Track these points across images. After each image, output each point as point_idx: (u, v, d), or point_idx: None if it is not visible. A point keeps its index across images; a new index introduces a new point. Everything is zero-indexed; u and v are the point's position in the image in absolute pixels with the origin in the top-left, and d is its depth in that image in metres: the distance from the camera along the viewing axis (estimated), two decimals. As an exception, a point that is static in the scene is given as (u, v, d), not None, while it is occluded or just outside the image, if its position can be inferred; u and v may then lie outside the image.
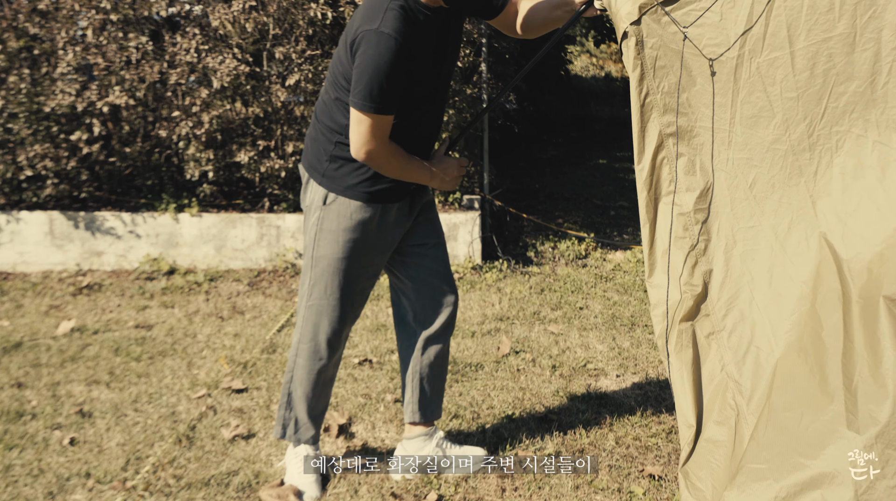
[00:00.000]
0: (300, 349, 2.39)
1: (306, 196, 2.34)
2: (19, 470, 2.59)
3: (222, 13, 4.65)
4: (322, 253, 2.28)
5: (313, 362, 2.38)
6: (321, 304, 2.32)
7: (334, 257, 2.28)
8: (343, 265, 2.29)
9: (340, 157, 2.24)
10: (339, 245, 2.27)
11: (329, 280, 2.30)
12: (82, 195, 5.04)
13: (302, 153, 2.39)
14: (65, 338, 3.79)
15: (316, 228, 2.28)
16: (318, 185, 2.28)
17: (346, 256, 2.28)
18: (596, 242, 5.44)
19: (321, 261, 2.29)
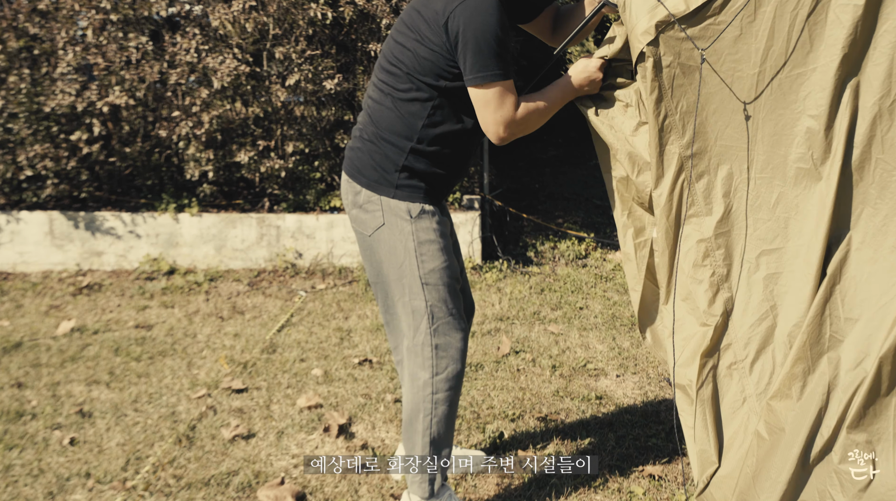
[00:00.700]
0: (437, 384, 2.12)
1: (370, 217, 2.11)
2: (19, 470, 2.59)
3: (222, 13, 4.65)
4: (431, 267, 2.09)
5: (455, 389, 2.15)
6: (447, 321, 2.12)
7: (443, 266, 2.11)
8: (451, 272, 2.13)
9: (414, 164, 2.07)
10: (442, 253, 2.11)
11: (446, 293, 2.12)
12: (82, 195, 5.04)
13: (350, 170, 2.16)
14: (65, 338, 3.79)
15: (413, 244, 2.08)
16: (393, 200, 2.08)
17: (450, 262, 2.13)
18: (596, 242, 5.44)
19: (433, 276, 2.09)
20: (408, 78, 2.02)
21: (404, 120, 2.05)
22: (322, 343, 3.72)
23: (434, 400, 2.12)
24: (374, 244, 2.13)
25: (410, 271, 2.08)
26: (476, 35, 1.89)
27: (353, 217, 2.16)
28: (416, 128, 2.04)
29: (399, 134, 2.06)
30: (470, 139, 2.12)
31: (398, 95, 2.05)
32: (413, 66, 2.00)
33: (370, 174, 2.10)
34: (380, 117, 2.09)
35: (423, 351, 2.11)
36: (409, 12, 2.04)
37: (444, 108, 2.03)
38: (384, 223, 2.09)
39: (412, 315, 2.11)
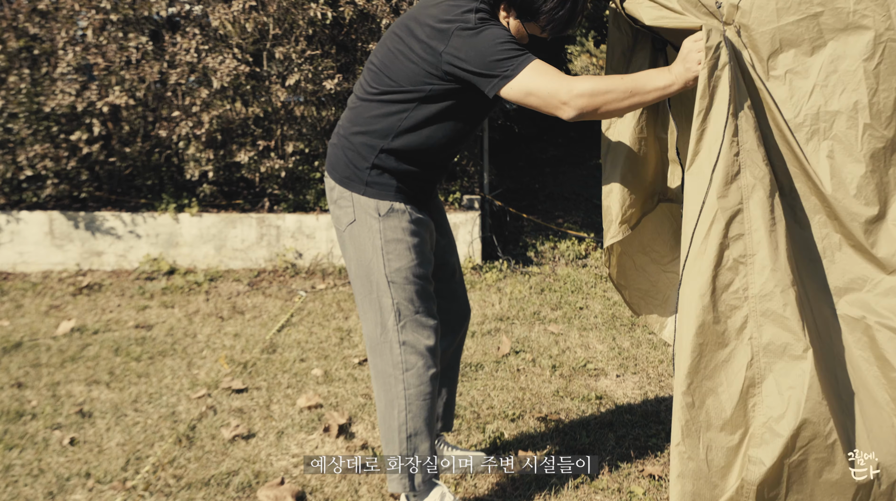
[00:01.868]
0: (407, 380, 2.12)
1: (343, 212, 2.12)
2: (19, 470, 2.59)
3: (222, 13, 4.65)
4: (397, 266, 2.08)
5: (426, 384, 2.13)
6: (414, 319, 2.11)
7: (410, 265, 2.09)
8: (419, 271, 2.11)
9: (385, 163, 2.07)
10: (409, 252, 2.09)
11: (412, 292, 2.10)
12: (82, 195, 5.05)
13: (328, 166, 2.18)
14: (65, 338, 3.79)
15: (380, 242, 2.07)
16: (363, 197, 2.08)
17: (419, 261, 2.11)
18: (596, 242, 5.43)
19: (398, 275, 2.08)
20: (390, 82, 2.03)
21: (380, 121, 2.06)
22: (322, 343, 3.73)
23: (406, 396, 2.12)
24: (346, 240, 2.14)
25: (377, 268, 2.09)
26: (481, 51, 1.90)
27: (332, 213, 2.18)
28: (390, 130, 2.05)
29: (373, 133, 2.06)
30: (445, 145, 2.12)
31: (378, 97, 2.06)
32: (397, 72, 2.02)
33: (342, 170, 2.11)
34: (357, 116, 2.10)
35: (391, 348, 2.11)
36: (404, 22, 2.05)
37: (421, 114, 2.04)
38: (355, 219, 2.10)
39: (379, 312, 2.11)
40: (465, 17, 1.93)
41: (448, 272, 2.38)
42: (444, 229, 2.36)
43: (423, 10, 2.02)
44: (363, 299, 2.14)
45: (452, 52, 1.93)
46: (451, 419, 2.55)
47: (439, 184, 2.29)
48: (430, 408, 2.16)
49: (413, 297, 2.10)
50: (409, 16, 2.05)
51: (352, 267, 2.15)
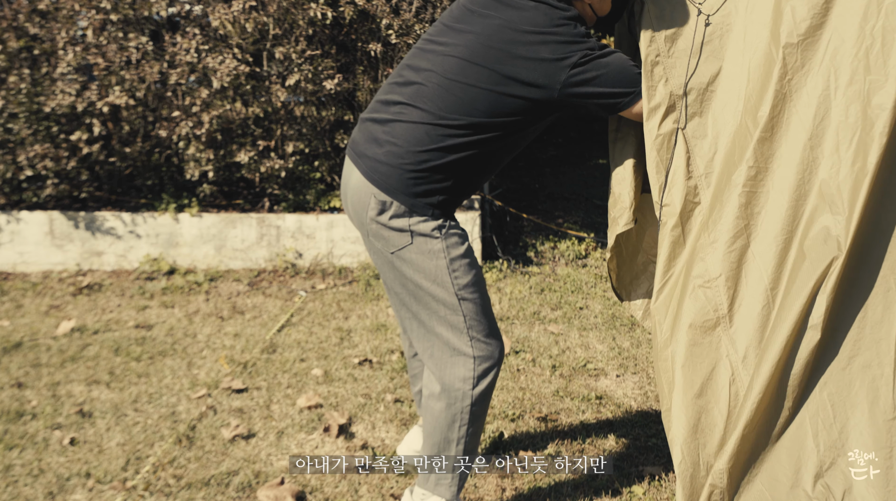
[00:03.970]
0: (475, 396, 2.10)
1: (394, 234, 2.03)
2: (19, 470, 2.59)
3: (222, 13, 4.65)
4: (465, 282, 2.05)
5: (488, 397, 2.15)
6: (485, 332, 2.10)
7: (476, 279, 2.08)
8: (483, 284, 2.11)
9: (446, 183, 2.02)
10: (474, 267, 2.08)
11: (481, 308, 2.09)
12: (82, 195, 5.05)
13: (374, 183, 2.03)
14: (65, 338, 3.79)
15: (445, 261, 2.03)
16: (422, 217, 2.02)
17: (480, 273, 2.10)
18: (596, 242, 5.44)
19: (468, 290, 2.06)
20: (479, 114, 1.95)
21: (458, 151, 1.98)
22: (322, 343, 3.73)
23: (472, 412, 2.11)
24: (396, 262, 2.06)
25: (445, 287, 2.04)
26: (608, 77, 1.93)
27: (373, 231, 2.05)
28: (466, 159, 1.99)
29: (449, 164, 1.99)
30: (501, 164, 2.13)
31: (460, 129, 1.96)
32: (492, 105, 1.94)
33: (399, 188, 2.00)
34: (430, 143, 1.98)
35: (465, 364, 2.08)
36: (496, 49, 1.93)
37: (502, 142, 2.01)
38: (412, 243, 2.02)
39: (450, 330, 2.07)
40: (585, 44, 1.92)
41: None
42: None
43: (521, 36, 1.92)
44: (426, 319, 2.09)
45: (576, 81, 1.92)
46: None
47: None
48: (483, 426, 2.20)
49: (482, 310, 2.09)
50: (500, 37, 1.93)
51: (408, 288, 2.08)
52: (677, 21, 1.98)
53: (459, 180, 2.03)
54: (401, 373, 3.35)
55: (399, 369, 3.38)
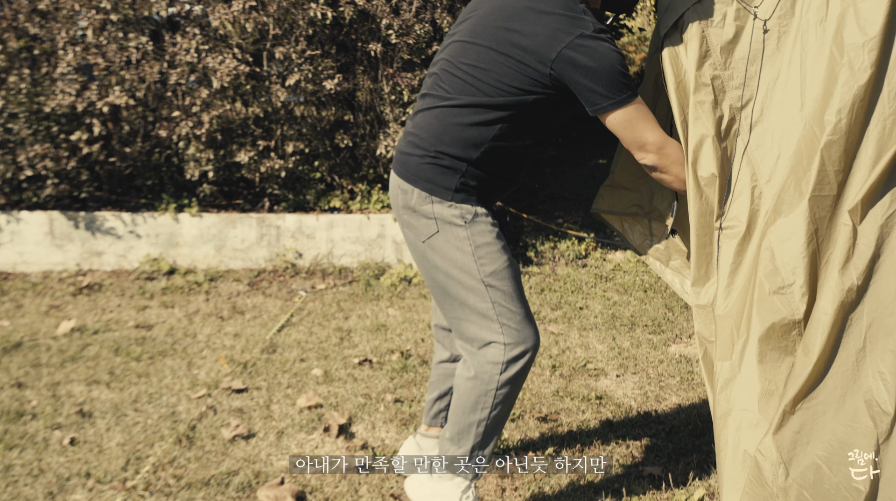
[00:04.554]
0: (502, 380, 2.11)
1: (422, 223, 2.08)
2: (19, 470, 2.59)
3: (222, 13, 4.65)
4: (491, 269, 2.07)
5: (518, 383, 2.14)
6: (517, 319, 2.11)
7: (503, 266, 2.08)
8: (512, 272, 2.10)
9: (473, 174, 2.05)
10: (500, 253, 2.08)
11: (511, 290, 2.09)
12: (82, 195, 5.05)
13: (405, 174, 2.10)
14: (65, 338, 3.79)
15: (471, 248, 2.06)
16: (447, 205, 2.05)
17: (510, 262, 2.10)
18: (596, 242, 5.43)
19: (494, 278, 2.07)
20: (482, 93, 1.98)
21: (468, 132, 2.01)
22: (322, 343, 3.73)
23: (496, 395, 2.12)
24: (428, 251, 2.09)
25: (472, 274, 2.06)
26: (604, 61, 1.88)
27: (405, 222, 2.12)
28: (480, 142, 2.01)
29: (461, 145, 2.02)
30: (530, 152, 2.12)
31: (466, 108, 2.00)
32: (494, 82, 1.96)
33: (427, 178, 2.05)
34: (441, 127, 2.04)
35: (495, 349, 2.09)
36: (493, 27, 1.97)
37: (513, 125, 2.01)
38: (438, 231, 2.06)
39: (480, 316, 2.08)
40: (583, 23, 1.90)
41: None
42: None
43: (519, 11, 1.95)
44: (457, 306, 2.11)
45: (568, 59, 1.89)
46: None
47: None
48: (509, 413, 2.19)
49: (512, 297, 2.09)
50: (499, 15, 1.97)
51: (438, 277, 2.11)
52: (734, 29, 1.94)
53: (475, 166, 2.04)
54: (401, 373, 3.35)
55: (399, 369, 3.38)
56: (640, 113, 1.95)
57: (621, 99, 1.91)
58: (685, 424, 2.88)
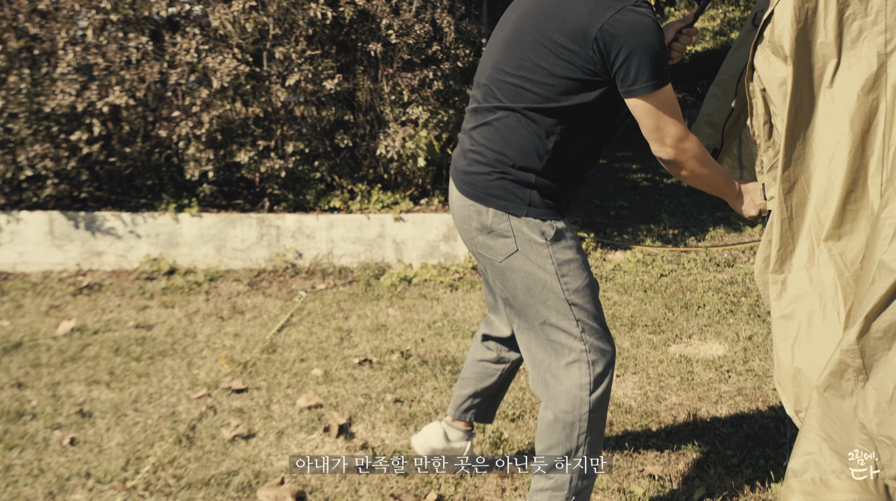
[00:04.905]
0: (593, 401, 2.02)
1: (499, 243, 2.00)
2: (19, 470, 2.59)
3: (222, 13, 4.65)
4: (576, 286, 1.99)
5: (605, 403, 2.06)
6: (599, 336, 2.03)
7: (585, 283, 2.01)
8: (594, 287, 2.04)
9: (544, 183, 1.97)
10: (582, 269, 2.01)
11: (593, 309, 2.03)
12: (82, 195, 5.05)
13: (473, 194, 2.02)
14: (65, 338, 3.79)
15: (553, 267, 1.98)
16: (526, 222, 1.96)
17: (591, 276, 2.03)
18: (596, 242, 5.43)
19: (578, 295, 2.00)
20: (535, 94, 1.91)
21: (531, 139, 1.94)
22: (322, 343, 3.73)
23: (590, 419, 2.03)
24: (507, 271, 2.01)
25: (555, 293, 1.98)
26: (642, 45, 1.80)
27: (479, 244, 2.03)
28: (544, 147, 1.94)
29: (526, 154, 1.94)
30: (598, 150, 2.05)
31: (526, 112, 1.93)
32: (544, 80, 1.90)
33: (499, 195, 1.97)
34: (503, 136, 1.96)
35: (580, 369, 2.01)
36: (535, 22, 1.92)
37: (573, 123, 1.94)
38: (517, 249, 1.97)
39: (564, 335, 2.01)
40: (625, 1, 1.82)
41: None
42: None
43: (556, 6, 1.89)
44: (537, 327, 2.04)
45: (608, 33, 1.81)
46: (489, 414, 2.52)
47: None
48: (603, 433, 2.10)
49: (594, 314, 2.03)
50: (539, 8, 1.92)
51: (517, 296, 2.03)
52: None
53: (544, 175, 1.96)
54: (401, 373, 3.35)
55: (399, 369, 3.38)
56: (668, 102, 1.87)
57: (653, 83, 1.83)
58: (685, 424, 2.88)
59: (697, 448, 2.70)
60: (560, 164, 1.97)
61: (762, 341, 3.71)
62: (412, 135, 4.95)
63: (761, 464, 2.57)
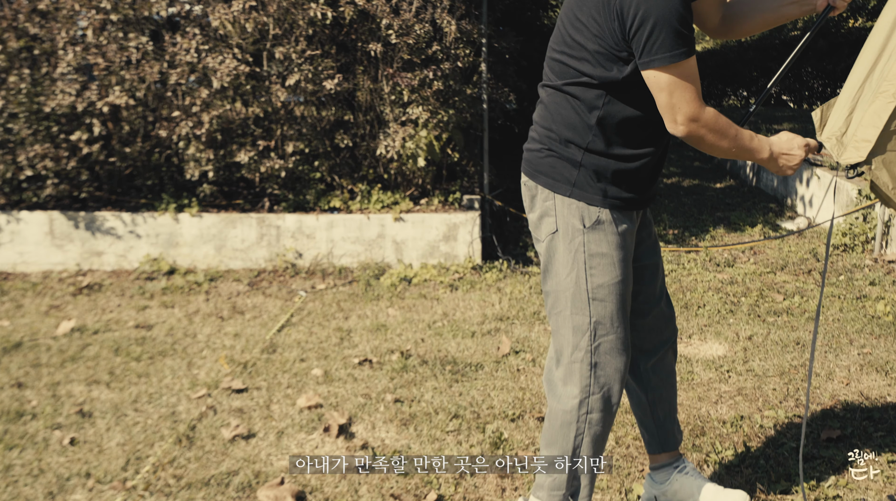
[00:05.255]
0: (592, 404, 1.97)
1: (544, 222, 1.97)
2: (19, 470, 2.59)
3: (222, 13, 4.65)
4: (600, 282, 1.93)
5: (608, 411, 2.00)
6: (610, 340, 1.96)
7: (614, 282, 1.93)
8: (622, 289, 1.95)
9: (593, 161, 1.91)
10: (615, 267, 1.93)
11: (613, 311, 1.95)
12: (82, 195, 5.05)
13: (528, 171, 2.01)
14: (65, 338, 3.79)
15: (583, 256, 1.92)
16: (568, 200, 1.92)
17: (623, 277, 1.95)
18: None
19: (600, 291, 1.93)
20: (574, 69, 1.87)
21: (576, 114, 1.89)
22: (322, 343, 3.73)
23: (588, 420, 1.98)
24: (546, 251, 1.99)
25: (579, 284, 1.94)
26: (658, 13, 1.71)
27: (531, 222, 2.01)
28: (587, 121, 1.88)
29: (571, 129, 1.91)
30: (654, 132, 1.94)
31: (566, 88, 1.90)
32: (580, 55, 1.85)
33: (547, 173, 1.95)
34: (550, 113, 1.95)
35: (580, 369, 1.96)
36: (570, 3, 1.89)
37: (618, 97, 1.87)
38: (557, 230, 1.95)
39: (572, 331, 1.96)
40: None
41: (650, 273, 2.17)
42: (648, 228, 2.16)
43: None
44: (558, 314, 1.99)
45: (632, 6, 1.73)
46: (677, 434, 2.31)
47: (657, 181, 2.05)
48: (605, 436, 2.04)
49: (613, 315, 1.96)
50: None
51: (548, 279, 2.00)
52: None
53: (592, 151, 1.91)
54: (401, 373, 3.35)
55: (399, 369, 3.38)
56: (685, 77, 1.77)
57: (669, 55, 1.74)
58: (685, 424, 2.88)
59: (697, 447, 2.70)
60: (608, 140, 1.90)
61: (762, 341, 3.71)
62: (412, 135, 4.95)
63: (761, 464, 2.57)
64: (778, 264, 5.05)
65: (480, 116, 5.37)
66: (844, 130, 1.98)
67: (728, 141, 1.86)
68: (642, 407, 2.26)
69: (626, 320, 1.99)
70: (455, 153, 5.20)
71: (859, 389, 3.16)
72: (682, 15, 1.73)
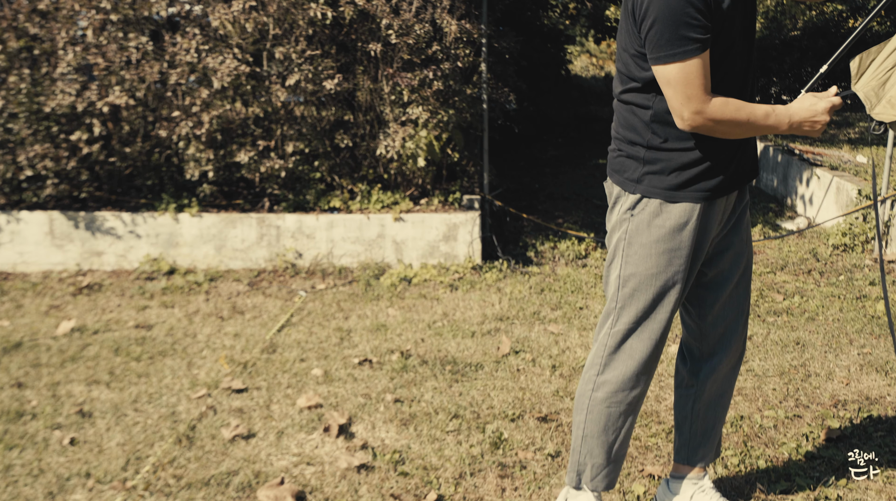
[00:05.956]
0: (599, 383, 2.02)
1: (613, 213, 2.02)
2: (19, 470, 2.59)
3: (222, 13, 4.65)
4: (632, 271, 1.94)
5: (616, 395, 2.01)
6: (630, 330, 1.98)
7: (647, 274, 1.94)
8: (658, 282, 1.94)
9: (655, 157, 1.93)
10: (652, 259, 1.93)
11: (640, 303, 1.95)
12: (82, 195, 5.05)
13: (608, 170, 2.07)
14: (65, 338, 3.79)
15: (623, 242, 1.96)
16: (628, 193, 1.96)
17: (661, 271, 1.93)
18: (596, 242, 5.44)
19: (630, 281, 1.95)
20: (625, 76, 1.94)
21: (634, 114, 1.94)
22: (322, 343, 3.73)
23: (591, 398, 2.02)
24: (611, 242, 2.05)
25: (615, 267, 1.99)
26: (658, 12, 1.74)
27: (607, 219, 2.06)
28: (643, 119, 1.92)
29: (632, 129, 1.95)
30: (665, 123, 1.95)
31: (622, 96, 1.97)
32: (625, 59, 1.92)
33: (617, 171, 2.01)
34: (617, 119, 2.03)
35: (598, 349, 2.02)
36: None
37: (636, 100, 1.93)
38: (616, 221, 2.01)
39: (605, 313, 2.02)
40: None
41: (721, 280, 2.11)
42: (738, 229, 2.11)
43: None
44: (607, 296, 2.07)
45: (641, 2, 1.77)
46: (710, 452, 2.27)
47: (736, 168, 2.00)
48: (610, 425, 2.05)
49: (638, 307, 1.96)
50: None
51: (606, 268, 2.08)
52: None
53: (653, 148, 1.93)
54: (400, 373, 3.35)
55: (399, 369, 3.38)
56: (692, 76, 1.78)
57: (671, 54, 1.76)
58: (685, 424, 2.88)
59: (697, 447, 2.70)
60: (665, 135, 1.92)
61: (762, 341, 3.71)
62: (412, 135, 4.95)
63: (761, 464, 2.58)
64: (778, 264, 5.05)
65: (480, 116, 5.38)
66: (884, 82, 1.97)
67: (741, 127, 1.86)
68: (685, 413, 2.25)
69: (658, 316, 1.97)
70: (455, 153, 5.20)
71: (859, 389, 3.16)
72: (686, 13, 1.73)
